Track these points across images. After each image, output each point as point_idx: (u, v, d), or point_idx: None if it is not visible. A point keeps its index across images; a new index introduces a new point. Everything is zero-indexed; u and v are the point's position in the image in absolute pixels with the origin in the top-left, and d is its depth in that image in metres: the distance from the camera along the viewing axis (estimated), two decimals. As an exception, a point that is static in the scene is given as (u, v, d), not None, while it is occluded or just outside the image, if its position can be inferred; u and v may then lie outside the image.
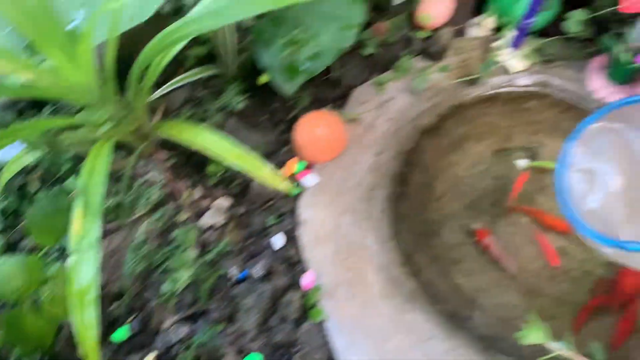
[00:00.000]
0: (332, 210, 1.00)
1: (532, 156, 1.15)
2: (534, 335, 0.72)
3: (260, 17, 1.07)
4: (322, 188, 1.03)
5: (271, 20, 1.03)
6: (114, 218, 1.00)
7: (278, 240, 0.98)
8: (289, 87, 0.97)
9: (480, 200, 1.11)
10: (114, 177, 1.04)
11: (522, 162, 1.15)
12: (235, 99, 1.08)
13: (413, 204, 1.08)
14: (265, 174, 0.84)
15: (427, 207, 1.09)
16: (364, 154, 1.07)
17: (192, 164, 1.06)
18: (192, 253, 0.92)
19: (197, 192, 1.03)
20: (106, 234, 1.00)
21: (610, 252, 0.69)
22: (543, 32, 1.21)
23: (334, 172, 1.05)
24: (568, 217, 0.69)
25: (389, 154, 1.08)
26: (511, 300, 0.97)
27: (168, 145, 1.03)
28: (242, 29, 1.18)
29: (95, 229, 0.74)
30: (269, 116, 1.15)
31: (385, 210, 1.02)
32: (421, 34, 1.14)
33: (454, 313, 0.92)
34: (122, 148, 1.04)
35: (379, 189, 1.04)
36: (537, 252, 1.03)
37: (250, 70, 1.13)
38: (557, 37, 1.18)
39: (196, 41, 1.14)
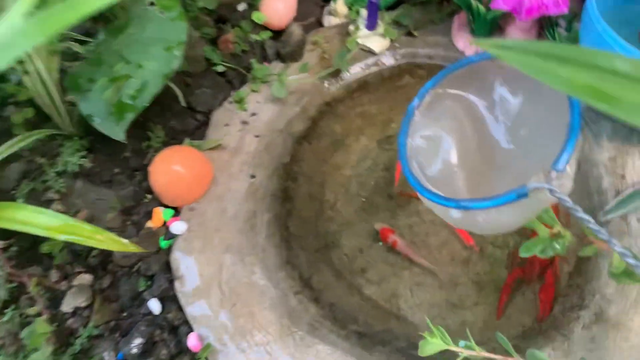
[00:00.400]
0: (209, 254, 0.88)
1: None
2: (432, 344, 0.62)
3: (76, 59, 0.94)
4: (195, 231, 0.91)
5: (88, 63, 0.90)
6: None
7: (154, 306, 0.84)
8: (118, 130, 0.84)
9: (376, 196, 1.02)
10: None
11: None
12: (73, 159, 0.94)
13: (303, 221, 0.97)
14: (99, 240, 0.70)
15: (320, 218, 0.99)
16: (236, 181, 0.95)
17: (38, 245, 0.90)
18: (44, 351, 0.77)
19: (52, 276, 0.88)
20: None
21: (457, 217, 0.60)
22: (397, 4, 1.13)
23: (205, 210, 0.93)
24: (410, 182, 0.62)
25: (264, 174, 0.96)
26: (429, 297, 0.87)
27: (4, 232, 0.88)
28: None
29: None
30: (122, 167, 1.01)
31: (271, 236, 0.90)
32: (263, 35, 1.04)
33: (366, 332, 0.81)
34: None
35: (260, 214, 0.92)
36: (445, 237, 0.94)
37: (89, 123, 0.99)
38: (410, 3, 1.11)
39: (17, 105, 1.00)
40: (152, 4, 0.94)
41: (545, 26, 1.02)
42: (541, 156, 0.56)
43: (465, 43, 1.06)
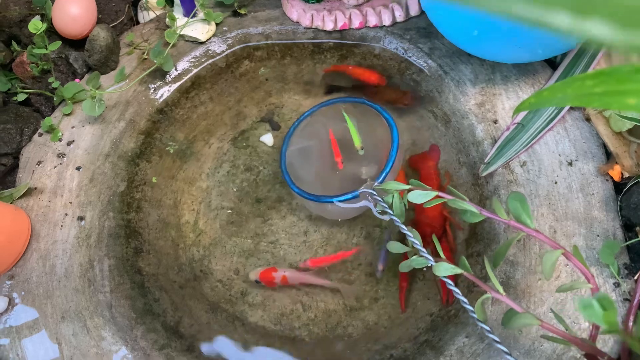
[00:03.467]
0: (43, 328, 0.68)
1: (275, 123, 0.94)
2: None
3: None
4: (20, 305, 0.71)
5: None
6: None
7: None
8: None
9: (242, 204, 0.87)
10: None
11: (267, 137, 0.93)
12: None
13: (159, 255, 0.80)
14: None
15: (180, 246, 0.82)
16: (62, 229, 0.76)
17: None
18: None
19: None
20: None
21: (313, 206, 0.80)
22: (217, -16, 0.99)
23: (28, 274, 0.73)
24: (286, 181, 0.80)
25: (95, 212, 0.78)
26: (322, 306, 0.74)
27: None
28: None
29: None
30: None
31: (117, 287, 0.72)
32: (52, 47, 0.85)
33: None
34: None
35: (98, 264, 0.74)
36: (327, 232, 0.81)
37: None
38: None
39: None
40: None
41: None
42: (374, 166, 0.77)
43: (298, 12, 0.93)
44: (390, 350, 0.66)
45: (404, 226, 0.60)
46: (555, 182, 0.68)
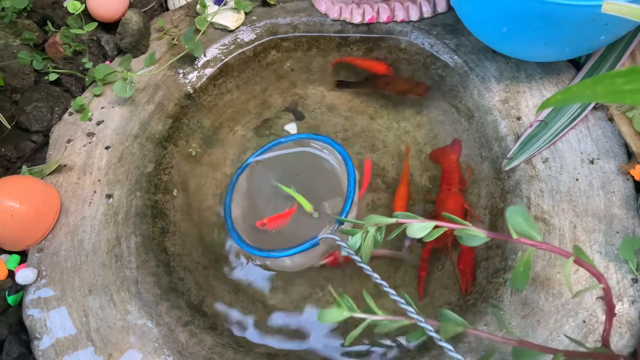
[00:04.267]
0: (70, 301, 0.70)
1: (299, 113, 0.95)
2: (333, 313, 0.53)
3: None
4: (48, 277, 0.73)
5: None
6: None
7: (6, 384, 0.66)
8: None
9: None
10: None
11: (291, 126, 0.94)
12: None
13: (184, 236, 0.82)
14: None
15: (204, 229, 0.84)
16: (90, 206, 0.78)
17: None
18: None
19: None
20: None
21: (269, 264, 0.78)
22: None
23: (56, 248, 0.75)
24: (233, 239, 0.74)
25: (123, 191, 0.80)
26: (342, 292, 0.76)
27: None
28: None
29: None
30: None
31: (143, 264, 0.74)
32: (88, 28, 0.87)
33: (277, 352, 0.68)
34: None
35: (125, 241, 0.75)
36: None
37: None
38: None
39: None
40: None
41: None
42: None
43: (327, 5, 0.95)
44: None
45: (371, 271, 0.58)
46: (577, 179, 0.69)
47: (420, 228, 0.54)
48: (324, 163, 0.81)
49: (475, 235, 0.52)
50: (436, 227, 0.54)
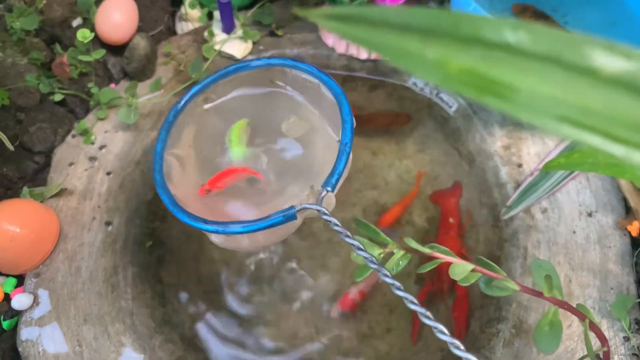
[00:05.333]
0: (65, 329, 0.71)
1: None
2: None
3: None
4: (44, 302, 0.73)
5: None
6: None
7: (-5, 412, 0.66)
8: None
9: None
10: None
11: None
12: None
13: (182, 266, 0.82)
14: None
15: (201, 259, 0.84)
16: (89, 232, 0.79)
17: None
18: None
19: None
20: None
21: (218, 241, 0.59)
22: (255, 3, 1.01)
23: (54, 274, 0.75)
24: (164, 202, 0.57)
25: (122, 218, 0.80)
26: (336, 332, 0.76)
27: None
28: None
29: None
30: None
31: (139, 295, 0.74)
32: (96, 55, 0.87)
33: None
34: None
35: (122, 270, 0.76)
36: (346, 257, 0.83)
37: None
38: (270, 1, 0.99)
39: None
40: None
41: (418, 4, 0.94)
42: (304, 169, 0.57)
43: (335, 39, 0.96)
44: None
45: (369, 256, 0.45)
46: (574, 232, 0.70)
47: (460, 270, 0.49)
48: (299, 109, 0.62)
49: (506, 286, 0.50)
50: (473, 270, 0.49)
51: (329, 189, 0.50)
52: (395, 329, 0.74)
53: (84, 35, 0.83)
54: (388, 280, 0.41)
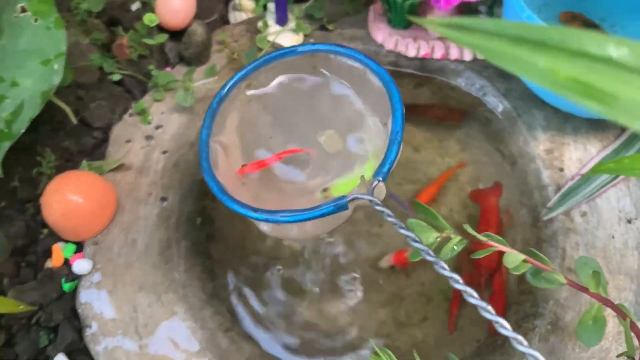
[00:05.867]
0: (121, 295, 0.75)
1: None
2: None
3: None
4: (102, 269, 0.78)
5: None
6: None
7: (59, 365, 0.71)
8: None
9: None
10: None
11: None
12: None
13: (230, 243, 0.86)
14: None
15: (249, 238, 0.88)
16: (145, 206, 0.83)
17: None
18: None
19: None
20: None
21: (266, 229, 0.58)
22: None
23: (111, 243, 0.80)
24: (212, 189, 0.57)
25: (176, 195, 0.85)
26: (374, 316, 0.79)
27: None
28: None
29: None
30: (9, 200, 0.86)
31: (191, 268, 0.79)
32: (159, 39, 0.92)
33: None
34: None
35: (175, 244, 0.80)
36: (384, 247, 0.86)
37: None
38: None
39: None
40: (23, 9, 0.79)
41: (465, 13, 0.97)
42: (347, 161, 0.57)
43: (384, 35, 0.99)
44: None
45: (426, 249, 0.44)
46: (613, 237, 0.73)
47: (513, 259, 0.52)
48: (342, 101, 0.61)
49: (554, 278, 0.52)
50: (524, 260, 0.51)
51: (380, 178, 0.50)
52: (431, 318, 0.77)
53: (150, 19, 0.88)
54: (446, 273, 0.43)
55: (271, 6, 1.02)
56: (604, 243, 0.72)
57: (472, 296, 0.41)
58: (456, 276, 0.42)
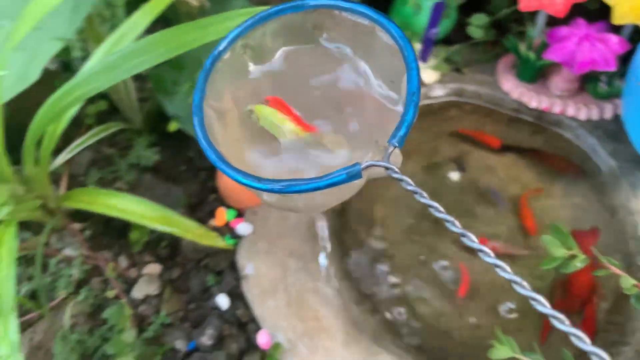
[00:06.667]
0: (274, 257, 0.93)
1: (461, 166, 1.15)
2: (502, 350, 0.68)
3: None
4: (260, 234, 0.96)
5: (170, 66, 0.94)
6: (33, 307, 0.86)
7: (223, 301, 0.89)
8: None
9: (422, 218, 1.09)
10: (25, 261, 0.90)
11: (454, 174, 1.14)
12: (146, 153, 0.98)
13: (355, 235, 1.03)
14: (196, 233, 0.76)
15: (370, 234, 1.05)
16: (298, 190, 1.01)
17: (111, 231, 0.94)
18: (130, 333, 0.80)
19: (122, 262, 0.91)
20: (26, 327, 0.86)
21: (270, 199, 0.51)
22: (446, 40, 1.22)
23: (267, 215, 0.98)
24: (207, 156, 0.46)
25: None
26: (475, 321, 0.94)
27: (80, 214, 0.91)
28: (141, 77, 1.09)
29: (12, 328, 0.63)
30: (188, 165, 1.06)
31: (330, 246, 0.96)
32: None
33: (424, 346, 0.88)
34: (28, 227, 0.91)
35: (319, 225, 0.98)
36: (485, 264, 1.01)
37: (157, 120, 1.04)
38: (462, 43, 1.19)
39: (93, 96, 1.03)
40: None
41: (587, 78, 1.12)
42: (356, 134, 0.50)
43: (510, 85, 1.15)
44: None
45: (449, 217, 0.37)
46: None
47: (627, 282, 0.60)
48: (344, 71, 0.51)
49: None
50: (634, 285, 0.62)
51: (397, 144, 0.44)
52: (525, 330, 0.92)
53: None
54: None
55: (417, 45, 1.20)
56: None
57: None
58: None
